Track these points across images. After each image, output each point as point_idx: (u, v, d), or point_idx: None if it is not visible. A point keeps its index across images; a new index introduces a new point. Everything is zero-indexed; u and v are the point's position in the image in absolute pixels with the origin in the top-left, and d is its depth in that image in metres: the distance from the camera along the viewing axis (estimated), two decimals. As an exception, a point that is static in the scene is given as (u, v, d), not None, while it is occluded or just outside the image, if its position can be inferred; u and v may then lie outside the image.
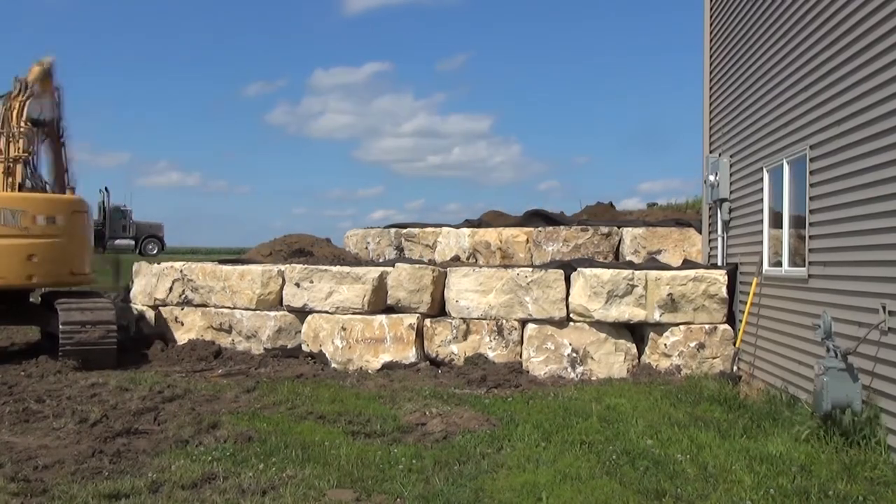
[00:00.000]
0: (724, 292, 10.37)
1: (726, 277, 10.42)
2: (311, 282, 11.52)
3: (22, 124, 12.10)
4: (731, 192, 10.80)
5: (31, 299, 12.76)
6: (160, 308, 13.01)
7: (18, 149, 11.93)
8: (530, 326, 10.71)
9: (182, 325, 12.62)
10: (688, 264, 11.59)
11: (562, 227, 13.81)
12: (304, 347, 11.59)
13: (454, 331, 10.91)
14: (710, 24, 11.99)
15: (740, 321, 10.17)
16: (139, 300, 13.50)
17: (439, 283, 11.31)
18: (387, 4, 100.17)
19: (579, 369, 10.44)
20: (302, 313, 11.67)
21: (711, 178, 11.11)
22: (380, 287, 11.28)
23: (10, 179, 11.83)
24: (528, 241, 13.81)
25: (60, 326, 10.75)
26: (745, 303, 9.83)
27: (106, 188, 38.52)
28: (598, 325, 10.47)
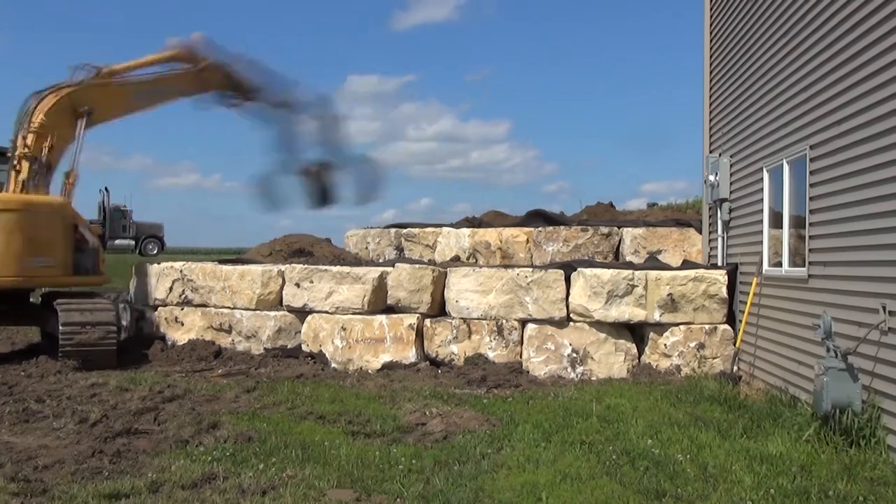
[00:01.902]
0: (724, 292, 10.37)
1: (726, 277, 10.42)
2: (311, 282, 11.52)
3: (39, 118, 11.73)
4: (731, 192, 10.80)
5: (31, 300, 12.75)
6: (160, 308, 13.02)
7: (27, 145, 11.69)
8: (530, 326, 10.71)
9: (182, 325, 12.62)
10: (687, 264, 11.59)
11: (562, 227, 13.80)
12: (304, 347, 11.59)
13: (454, 331, 10.91)
14: (710, 24, 11.99)
15: (740, 321, 10.17)
16: (139, 300, 13.51)
17: (439, 283, 11.31)
18: (431, 22, 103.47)
19: (579, 369, 10.44)
20: (302, 313, 11.67)
21: (711, 178, 11.12)
22: (380, 287, 11.28)
23: (18, 177, 11.65)
24: (528, 241, 13.81)
25: (60, 327, 10.73)
26: (745, 303, 9.82)
27: (106, 188, 38.44)
28: (598, 325, 10.47)
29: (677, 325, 10.39)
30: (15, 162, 11.67)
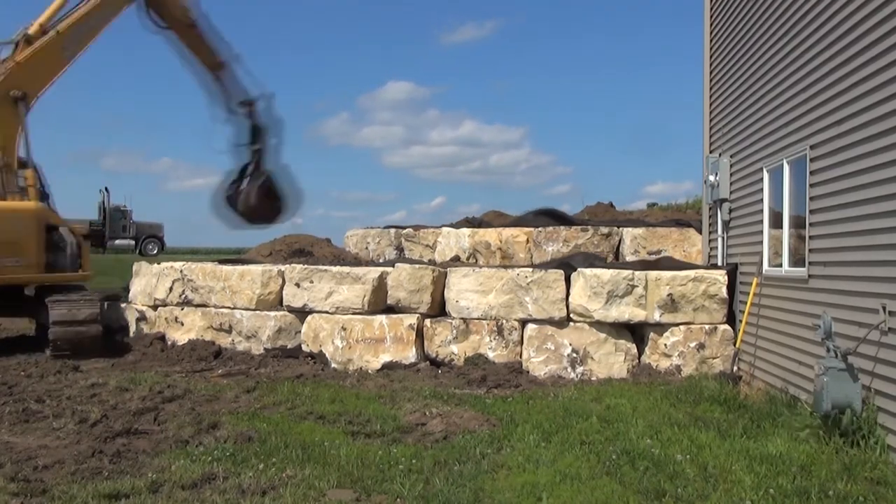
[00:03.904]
0: (724, 292, 10.37)
1: (726, 277, 10.42)
2: (311, 282, 11.52)
3: None
4: (731, 192, 10.79)
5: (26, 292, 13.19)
6: (160, 308, 13.02)
7: None
8: (530, 326, 10.71)
9: (182, 325, 12.62)
10: (682, 264, 11.56)
11: (562, 227, 13.81)
12: (304, 347, 11.59)
13: (454, 331, 10.91)
14: (710, 25, 11.99)
15: (740, 321, 10.17)
16: (139, 300, 13.51)
17: (439, 284, 11.31)
18: (471, 40, 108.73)
19: (579, 369, 10.44)
20: (302, 313, 11.67)
21: (711, 178, 11.12)
22: (380, 287, 11.28)
23: None
24: (528, 241, 13.81)
25: (50, 320, 11.70)
26: (745, 303, 9.82)
27: (106, 188, 38.53)
28: (598, 325, 10.47)
29: (677, 325, 10.38)
30: None
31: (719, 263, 11.17)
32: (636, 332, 10.71)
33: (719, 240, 11.23)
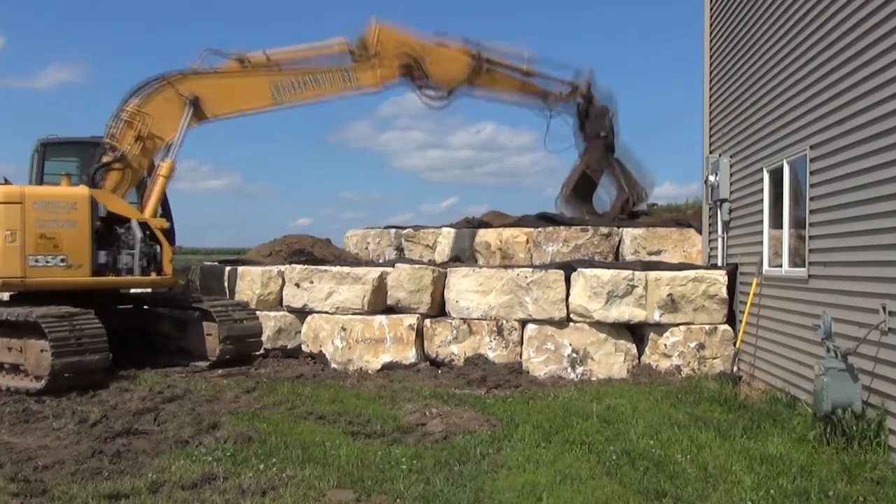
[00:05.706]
0: (724, 292, 10.37)
1: (726, 278, 10.42)
2: (311, 282, 11.52)
3: (132, 106, 11.14)
4: (731, 193, 10.79)
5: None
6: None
7: (112, 135, 11.16)
8: (530, 327, 10.70)
9: (182, 325, 12.60)
10: (682, 265, 11.55)
11: (562, 227, 13.78)
12: (304, 348, 11.59)
13: (454, 331, 10.91)
14: (710, 25, 11.99)
15: (740, 321, 10.16)
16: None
17: (439, 284, 11.31)
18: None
19: (579, 369, 10.44)
20: (302, 313, 11.67)
21: (711, 178, 11.12)
22: (380, 287, 11.28)
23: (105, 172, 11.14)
24: (527, 241, 13.79)
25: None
26: (745, 303, 9.82)
27: None
28: (598, 325, 10.46)
29: (677, 325, 10.38)
30: (102, 155, 11.03)
31: (719, 264, 11.16)
32: (636, 333, 10.71)
33: (719, 240, 11.23)
